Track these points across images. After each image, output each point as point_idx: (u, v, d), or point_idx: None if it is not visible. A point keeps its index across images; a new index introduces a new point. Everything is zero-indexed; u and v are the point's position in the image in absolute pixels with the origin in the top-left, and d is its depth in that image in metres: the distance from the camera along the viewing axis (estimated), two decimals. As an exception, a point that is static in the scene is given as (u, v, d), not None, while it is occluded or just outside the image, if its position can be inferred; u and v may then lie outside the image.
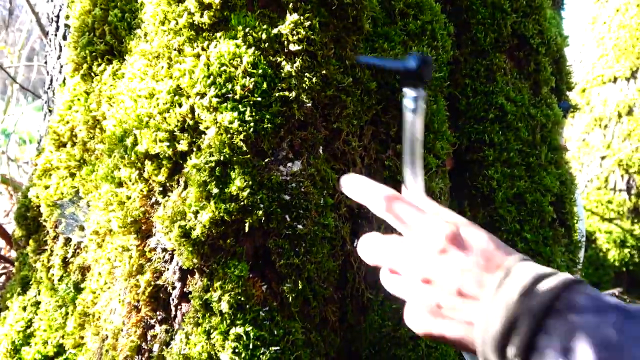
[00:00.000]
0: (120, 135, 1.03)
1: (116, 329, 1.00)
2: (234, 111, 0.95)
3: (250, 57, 0.97)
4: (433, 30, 1.20)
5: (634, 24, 4.41)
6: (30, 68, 5.96)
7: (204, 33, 1.01)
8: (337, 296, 1.04)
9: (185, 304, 0.97)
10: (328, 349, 1.02)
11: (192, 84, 0.97)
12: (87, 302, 1.13)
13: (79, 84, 1.25)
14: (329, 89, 1.03)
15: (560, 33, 1.62)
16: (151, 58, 1.05)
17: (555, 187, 1.43)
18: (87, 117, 1.19)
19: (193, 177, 0.95)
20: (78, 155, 1.21)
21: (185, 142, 0.97)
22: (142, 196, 1.01)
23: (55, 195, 1.23)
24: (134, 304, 0.99)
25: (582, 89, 4.61)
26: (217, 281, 0.93)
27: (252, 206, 0.94)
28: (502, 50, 1.40)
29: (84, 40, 1.23)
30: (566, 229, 1.50)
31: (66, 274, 1.21)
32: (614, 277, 4.02)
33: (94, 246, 1.12)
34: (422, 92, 0.86)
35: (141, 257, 1.00)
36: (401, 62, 0.87)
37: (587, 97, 4.60)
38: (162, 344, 0.96)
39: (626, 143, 4.33)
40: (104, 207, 1.05)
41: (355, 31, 1.08)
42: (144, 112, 1.00)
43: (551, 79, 1.50)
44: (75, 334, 1.14)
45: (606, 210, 4.22)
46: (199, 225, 0.93)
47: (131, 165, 1.02)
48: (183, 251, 0.94)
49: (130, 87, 1.05)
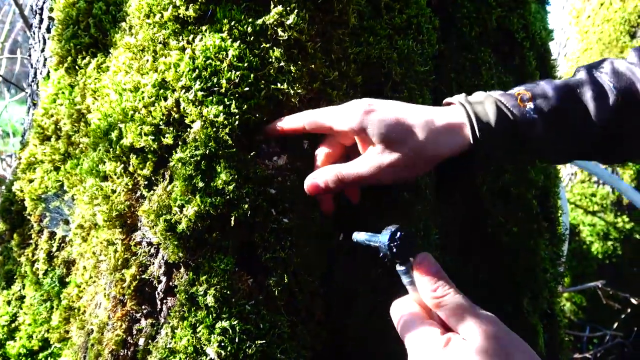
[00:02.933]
0: (105, 129, 1.03)
1: (101, 323, 1.00)
2: (220, 105, 0.95)
3: (236, 50, 0.96)
4: (418, 24, 1.20)
5: (618, 18, 4.44)
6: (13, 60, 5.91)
7: (189, 26, 1.01)
8: (323, 290, 1.04)
9: (170, 297, 0.97)
10: (314, 342, 1.03)
11: (177, 78, 0.97)
12: (72, 296, 1.12)
13: (63, 77, 1.24)
14: (314, 82, 1.03)
15: (545, 27, 1.62)
16: (136, 51, 1.04)
17: (539, 180, 1.44)
18: (71, 111, 1.19)
19: (178, 171, 0.95)
20: (62, 149, 1.21)
21: (171, 136, 0.97)
22: (127, 190, 1.01)
23: (40, 189, 1.23)
24: (120, 298, 0.99)
25: (566, 83, 4.63)
26: (203, 275, 0.93)
27: (237, 200, 0.95)
28: (487, 44, 1.40)
29: (68, 33, 1.22)
30: (550, 222, 1.51)
31: (51, 268, 1.21)
32: (597, 269, 4.06)
33: (79, 240, 1.12)
34: (409, 264, 0.81)
35: (126, 251, 1.00)
36: (379, 238, 0.82)
37: (571, 90, 4.62)
38: (148, 337, 0.96)
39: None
40: (88, 201, 1.04)
41: (341, 25, 1.08)
42: (129, 105, 1.00)
43: (536, 73, 1.51)
44: (61, 328, 1.13)
45: (590, 203, 4.25)
46: (185, 219, 0.93)
47: (116, 159, 1.01)
48: (168, 245, 0.94)
49: (115, 80, 1.05)
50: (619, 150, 1.04)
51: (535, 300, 1.43)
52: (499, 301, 1.33)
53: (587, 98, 0.97)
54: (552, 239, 1.52)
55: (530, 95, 0.96)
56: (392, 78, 1.14)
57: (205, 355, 0.90)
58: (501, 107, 0.95)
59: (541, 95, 0.96)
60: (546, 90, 0.97)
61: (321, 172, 0.96)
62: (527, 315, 1.39)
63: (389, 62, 1.13)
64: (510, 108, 0.95)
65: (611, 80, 0.98)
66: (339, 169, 0.95)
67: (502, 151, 0.96)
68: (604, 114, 0.96)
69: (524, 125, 0.94)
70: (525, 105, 0.95)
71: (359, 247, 0.91)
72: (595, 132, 0.97)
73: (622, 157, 1.10)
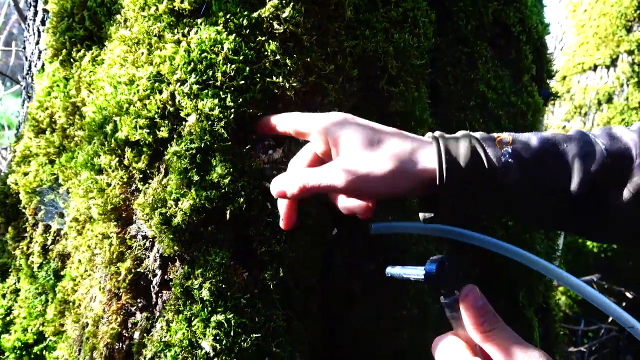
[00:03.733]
0: (100, 122, 1.02)
1: (96, 316, 1.00)
2: (215, 98, 0.95)
3: (231, 43, 0.96)
4: (415, 18, 1.20)
5: (615, 12, 4.44)
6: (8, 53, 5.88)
7: (185, 19, 1.00)
8: (319, 286, 1.04)
9: (166, 291, 0.96)
10: (311, 337, 1.03)
11: (172, 71, 0.97)
12: (67, 289, 1.12)
13: (58, 70, 1.24)
14: (310, 76, 1.03)
15: (541, 21, 1.62)
16: (131, 44, 1.04)
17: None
18: (66, 104, 1.18)
19: (174, 164, 0.94)
20: (57, 142, 1.20)
21: (166, 129, 0.97)
22: (122, 183, 1.01)
23: (35, 182, 1.22)
24: (115, 291, 0.98)
25: (563, 77, 4.64)
26: (198, 268, 0.93)
27: (233, 193, 0.94)
28: (483, 38, 1.40)
29: (63, 26, 1.21)
30: (546, 216, 1.51)
31: (46, 262, 1.21)
32: (592, 263, 4.07)
33: (73, 233, 1.12)
34: (454, 296, 0.75)
35: (121, 245, 1.00)
36: (421, 270, 0.76)
37: (567, 84, 4.63)
38: (143, 331, 0.96)
39: (606, 131, 4.36)
40: (83, 194, 1.04)
41: (336, 18, 1.08)
42: (123, 98, 0.99)
43: (532, 67, 1.51)
44: (56, 321, 1.13)
45: (586, 197, 4.25)
46: (180, 213, 0.93)
47: (111, 152, 1.01)
48: (164, 238, 0.94)
49: (110, 73, 1.04)
50: (603, 231, 0.91)
51: (531, 294, 1.44)
52: (494, 295, 1.33)
53: (571, 154, 0.85)
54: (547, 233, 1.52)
55: (510, 140, 0.86)
56: (388, 71, 1.14)
57: (200, 348, 0.90)
58: (475, 145, 0.85)
59: (522, 141, 0.86)
60: (529, 138, 0.87)
61: (285, 177, 0.91)
62: (523, 309, 1.40)
63: (385, 55, 1.13)
64: (486, 148, 0.85)
65: (604, 141, 0.86)
66: (303, 175, 0.88)
67: (470, 194, 0.86)
68: (587, 175, 0.84)
69: (498, 170, 0.84)
70: (503, 148, 0.85)
71: (355, 242, 0.91)
72: (576, 197, 0.85)
73: (608, 238, 1.00)
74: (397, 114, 1.16)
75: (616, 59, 4.44)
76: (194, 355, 0.90)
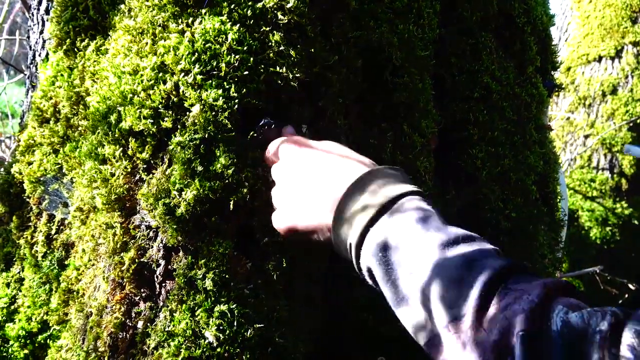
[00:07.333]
0: (104, 112, 1.02)
1: (100, 305, 1.00)
2: (219, 88, 0.95)
3: (236, 34, 0.96)
4: (419, 8, 1.20)
5: (620, 3, 4.42)
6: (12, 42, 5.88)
7: (189, 9, 1.00)
8: (321, 274, 1.04)
9: (169, 281, 0.97)
10: (312, 326, 1.03)
11: (176, 61, 0.97)
12: (71, 278, 1.13)
13: (62, 60, 1.24)
14: (314, 66, 1.03)
15: (546, 12, 1.62)
16: (135, 34, 1.04)
17: (539, 166, 1.44)
18: (70, 93, 1.18)
19: (177, 154, 0.94)
20: (61, 132, 1.20)
21: (170, 120, 0.97)
22: (126, 173, 1.01)
23: (39, 171, 1.23)
24: (118, 281, 0.99)
25: (567, 68, 4.63)
26: (202, 259, 0.93)
27: (236, 184, 0.94)
28: (488, 29, 1.40)
29: (67, 15, 1.21)
30: (549, 208, 1.51)
31: (50, 251, 1.21)
32: (595, 255, 4.07)
33: (77, 223, 1.12)
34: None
35: (125, 235, 1.00)
36: None
37: (571, 76, 4.62)
38: (147, 320, 0.96)
39: (610, 122, 4.36)
40: (87, 184, 1.04)
41: (341, 8, 1.08)
42: (127, 88, 0.99)
43: (536, 58, 1.51)
44: (60, 310, 1.14)
45: (589, 189, 4.26)
46: (184, 203, 0.93)
47: (115, 142, 1.01)
48: (167, 229, 0.94)
49: (114, 63, 1.04)
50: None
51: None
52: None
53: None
54: (550, 224, 1.52)
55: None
56: (392, 62, 1.14)
57: (203, 338, 0.91)
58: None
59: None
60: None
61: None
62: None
63: (389, 46, 1.13)
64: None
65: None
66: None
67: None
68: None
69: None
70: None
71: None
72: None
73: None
74: (401, 105, 1.16)
75: (621, 50, 4.43)
76: (198, 345, 0.90)
